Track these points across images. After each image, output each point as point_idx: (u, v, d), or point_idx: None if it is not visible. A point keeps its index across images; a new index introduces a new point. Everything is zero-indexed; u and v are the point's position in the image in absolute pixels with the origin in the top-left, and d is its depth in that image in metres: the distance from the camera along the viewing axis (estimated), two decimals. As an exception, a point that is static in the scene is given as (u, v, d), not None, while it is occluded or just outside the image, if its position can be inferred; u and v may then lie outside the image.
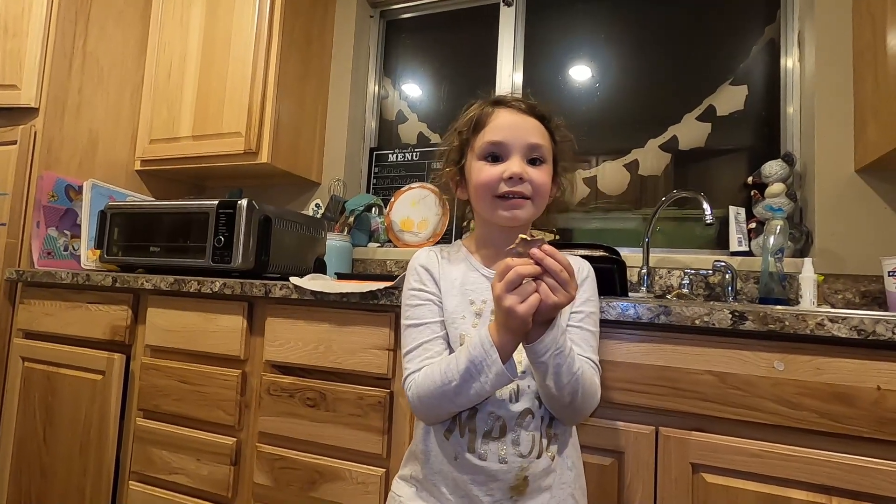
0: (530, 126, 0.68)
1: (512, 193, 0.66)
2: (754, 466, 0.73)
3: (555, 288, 0.54)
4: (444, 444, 0.65)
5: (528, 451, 0.63)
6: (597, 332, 0.69)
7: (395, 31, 2.07)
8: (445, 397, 0.61)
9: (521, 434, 0.63)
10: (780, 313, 0.73)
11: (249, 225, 1.28)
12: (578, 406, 0.61)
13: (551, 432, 0.65)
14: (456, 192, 0.76)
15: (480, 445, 0.63)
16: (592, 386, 0.62)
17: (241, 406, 1.11)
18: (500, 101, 0.71)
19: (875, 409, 0.69)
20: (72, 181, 1.59)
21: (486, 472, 0.62)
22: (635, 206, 1.64)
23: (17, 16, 1.56)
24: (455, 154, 0.74)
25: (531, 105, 0.71)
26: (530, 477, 0.63)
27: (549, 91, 1.78)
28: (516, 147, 0.67)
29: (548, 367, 0.57)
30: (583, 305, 0.68)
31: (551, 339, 0.56)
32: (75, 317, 1.32)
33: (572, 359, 0.58)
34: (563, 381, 0.58)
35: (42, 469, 1.31)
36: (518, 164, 0.66)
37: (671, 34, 1.65)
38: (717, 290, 1.39)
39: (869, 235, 1.27)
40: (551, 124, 0.71)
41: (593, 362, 0.66)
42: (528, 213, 0.68)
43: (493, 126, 0.68)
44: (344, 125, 1.90)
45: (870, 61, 1.23)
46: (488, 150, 0.68)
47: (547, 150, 0.69)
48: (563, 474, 0.66)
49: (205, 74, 1.70)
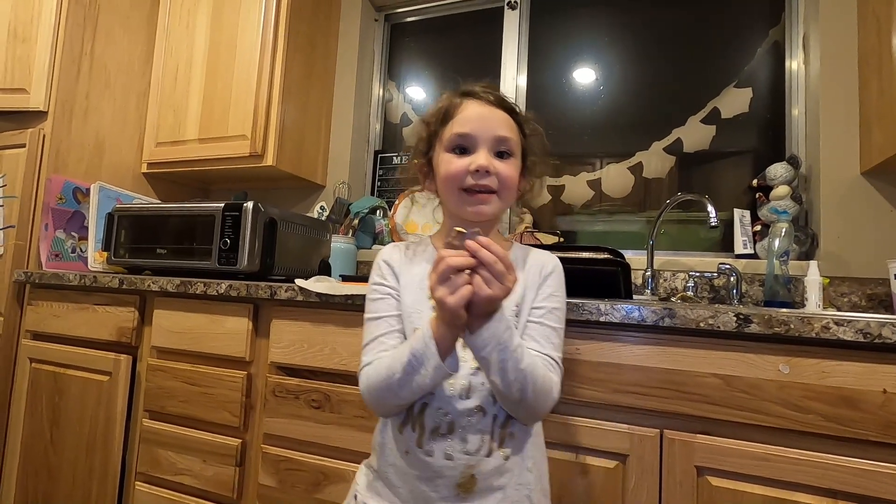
0: (498, 118, 0.67)
1: (478, 187, 0.65)
2: (760, 470, 0.73)
3: (489, 280, 0.52)
4: (398, 438, 0.65)
5: (475, 449, 0.62)
6: (560, 329, 0.67)
7: (400, 35, 2.08)
8: (390, 390, 0.60)
9: (470, 432, 0.62)
10: (785, 316, 0.73)
11: (255, 227, 1.29)
12: (530, 404, 0.59)
13: (506, 431, 0.64)
14: (424, 184, 0.74)
15: (427, 441, 0.62)
16: (545, 383, 0.60)
17: (247, 407, 1.12)
18: (469, 93, 0.70)
19: (882, 413, 0.69)
20: (79, 184, 1.60)
21: (432, 468, 0.62)
22: (640, 208, 1.64)
23: (26, 21, 1.58)
24: (423, 145, 0.73)
25: (500, 97, 0.70)
26: (478, 475, 0.62)
27: (553, 94, 1.79)
28: (484, 139, 0.66)
29: (490, 362, 0.56)
30: (545, 301, 0.67)
31: (491, 333, 0.55)
32: (82, 318, 1.34)
33: (520, 355, 0.57)
34: (510, 378, 0.56)
35: (49, 469, 1.32)
36: (485, 157, 0.65)
37: (675, 37, 1.65)
38: (721, 292, 1.38)
39: (875, 238, 1.26)
40: (520, 117, 0.71)
41: (552, 359, 0.64)
42: (493, 208, 0.67)
43: (461, 118, 0.67)
44: (348, 128, 1.91)
45: (875, 64, 1.22)
46: (456, 142, 0.67)
47: (515, 144, 0.68)
48: (520, 475, 0.64)
49: (210, 78, 1.71)
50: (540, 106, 1.80)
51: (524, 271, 0.68)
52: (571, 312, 0.83)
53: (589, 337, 0.84)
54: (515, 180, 0.68)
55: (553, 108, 1.79)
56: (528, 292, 0.67)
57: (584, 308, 0.83)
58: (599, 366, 0.83)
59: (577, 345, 0.84)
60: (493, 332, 0.55)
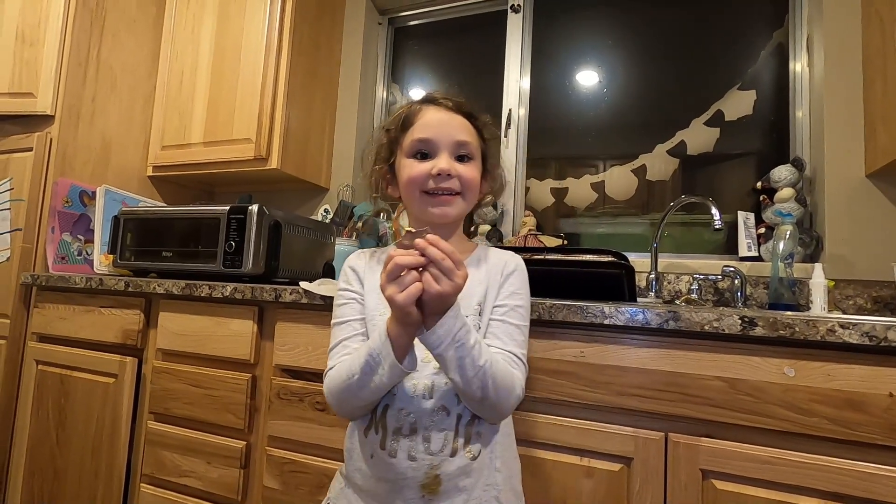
0: (457, 123, 0.69)
1: (441, 190, 0.67)
2: (765, 473, 0.73)
3: (438, 277, 0.53)
4: (363, 442, 0.65)
5: (438, 448, 0.62)
6: (523, 326, 0.68)
7: (403, 38, 2.08)
8: (350, 391, 0.61)
9: (433, 432, 0.62)
10: (790, 319, 0.72)
11: (260, 230, 1.30)
12: (492, 401, 0.60)
13: (472, 431, 0.64)
14: (387, 190, 0.76)
15: (391, 443, 0.63)
16: (506, 379, 0.60)
17: (251, 410, 1.12)
18: (428, 100, 0.72)
19: (887, 416, 0.68)
20: (86, 187, 1.61)
21: (396, 469, 0.62)
22: (643, 210, 1.64)
23: (33, 25, 1.59)
24: (385, 152, 0.74)
25: (458, 103, 0.72)
26: (443, 476, 0.61)
27: (556, 96, 1.79)
28: (444, 144, 0.68)
29: (447, 360, 0.57)
30: (507, 299, 0.68)
31: (445, 331, 0.55)
32: (88, 321, 1.34)
33: (478, 352, 0.57)
34: (469, 375, 0.57)
35: (55, 471, 1.33)
36: (446, 161, 0.67)
37: (679, 39, 1.65)
38: (726, 295, 1.38)
39: (880, 240, 1.26)
40: (479, 122, 0.72)
41: (514, 356, 0.65)
42: (457, 209, 0.69)
43: (420, 124, 0.69)
44: (352, 131, 1.91)
45: (879, 66, 1.22)
46: (416, 148, 0.69)
47: (475, 147, 0.70)
48: (489, 475, 0.64)
49: (216, 81, 1.73)
50: (543, 108, 1.81)
51: (486, 271, 0.70)
52: (576, 315, 0.83)
53: (593, 340, 0.84)
54: (477, 182, 0.71)
55: (556, 110, 1.79)
56: (490, 291, 0.68)
57: (589, 311, 0.83)
58: (604, 368, 0.83)
59: (581, 347, 0.84)
60: (447, 329, 0.55)
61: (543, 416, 0.86)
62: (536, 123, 1.81)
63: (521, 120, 1.82)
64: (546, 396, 0.86)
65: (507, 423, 0.70)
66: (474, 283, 0.67)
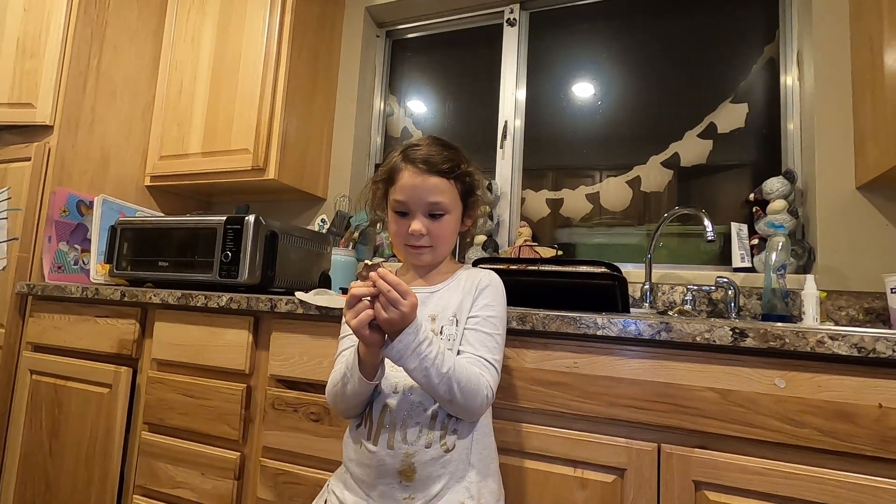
0: (430, 186, 0.76)
1: (415, 245, 0.78)
2: (757, 484, 0.73)
3: (385, 305, 0.62)
4: (354, 434, 0.75)
5: (414, 439, 0.70)
6: (496, 335, 0.75)
7: (401, 50, 2.11)
8: (337, 396, 0.73)
9: (410, 425, 0.71)
10: (780, 331, 0.73)
11: (256, 240, 1.30)
12: (461, 403, 0.67)
13: (447, 426, 0.71)
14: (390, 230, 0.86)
15: (374, 434, 0.72)
16: (471, 383, 0.68)
17: (246, 420, 1.12)
18: (407, 158, 0.78)
19: (877, 427, 0.69)
20: (83, 196, 1.62)
21: (376, 457, 0.70)
22: (638, 221, 1.65)
23: (34, 36, 1.61)
24: (381, 201, 0.84)
25: (432, 163, 0.76)
26: (417, 465, 0.69)
27: (552, 108, 1.81)
28: (417, 206, 0.77)
29: (412, 370, 0.65)
30: (480, 310, 0.76)
31: (403, 346, 0.64)
32: (84, 330, 1.34)
33: (441, 361, 0.65)
34: (435, 381, 0.65)
35: (47, 481, 1.32)
36: (419, 223, 0.76)
37: (672, 53, 1.68)
38: (719, 306, 1.39)
39: (871, 252, 1.27)
40: (453, 174, 0.78)
41: (484, 360, 0.72)
42: (431, 257, 0.80)
43: (399, 186, 0.78)
44: (350, 142, 1.93)
45: (868, 80, 1.24)
46: (396, 207, 0.79)
47: (449, 202, 0.78)
48: (462, 469, 0.71)
49: (215, 92, 1.74)
50: (539, 120, 1.83)
51: (463, 287, 0.79)
52: (569, 326, 0.84)
53: (586, 350, 0.85)
54: (450, 232, 0.80)
55: (552, 122, 1.81)
56: (465, 303, 0.77)
57: (582, 322, 0.83)
58: (596, 379, 0.83)
59: (574, 358, 0.85)
60: (405, 345, 0.64)
61: (537, 426, 0.86)
62: (532, 135, 1.83)
63: (517, 131, 1.83)
64: (539, 407, 0.86)
65: (486, 424, 0.76)
66: (452, 297, 0.78)
